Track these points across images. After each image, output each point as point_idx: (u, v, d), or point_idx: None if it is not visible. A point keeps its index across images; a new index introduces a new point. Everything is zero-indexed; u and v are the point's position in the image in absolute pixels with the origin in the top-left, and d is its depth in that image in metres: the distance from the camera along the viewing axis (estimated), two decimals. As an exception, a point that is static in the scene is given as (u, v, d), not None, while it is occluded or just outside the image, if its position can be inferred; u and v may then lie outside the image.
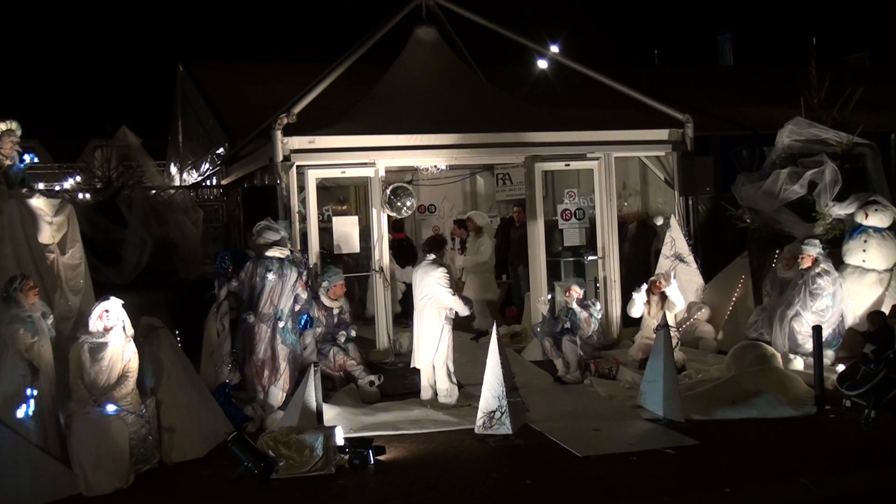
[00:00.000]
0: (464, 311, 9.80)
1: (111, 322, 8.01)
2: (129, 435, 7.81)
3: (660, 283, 11.16)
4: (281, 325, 9.54)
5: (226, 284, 9.64)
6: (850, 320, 11.00)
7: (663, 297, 11.10)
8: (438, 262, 9.83)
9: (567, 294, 11.05)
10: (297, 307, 9.76)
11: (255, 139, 12.92)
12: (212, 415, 8.63)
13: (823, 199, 11.69)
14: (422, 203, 15.80)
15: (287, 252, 9.75)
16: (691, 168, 12.82)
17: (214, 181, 16.31)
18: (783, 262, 11.48)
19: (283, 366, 9.53)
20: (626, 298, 12.28)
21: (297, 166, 11.20)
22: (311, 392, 8.31)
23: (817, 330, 9.39)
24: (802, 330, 10.63)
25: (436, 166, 13.75)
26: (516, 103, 13.58)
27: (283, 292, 9.55)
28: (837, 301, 10.82)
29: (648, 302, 11.17)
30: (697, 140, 13.02)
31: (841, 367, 9.74)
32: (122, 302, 8.15)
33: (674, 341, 10.17)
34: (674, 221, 12.57)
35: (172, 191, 14.04)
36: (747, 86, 18.33)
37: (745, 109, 15.89)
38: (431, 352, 9.65)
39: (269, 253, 9.70)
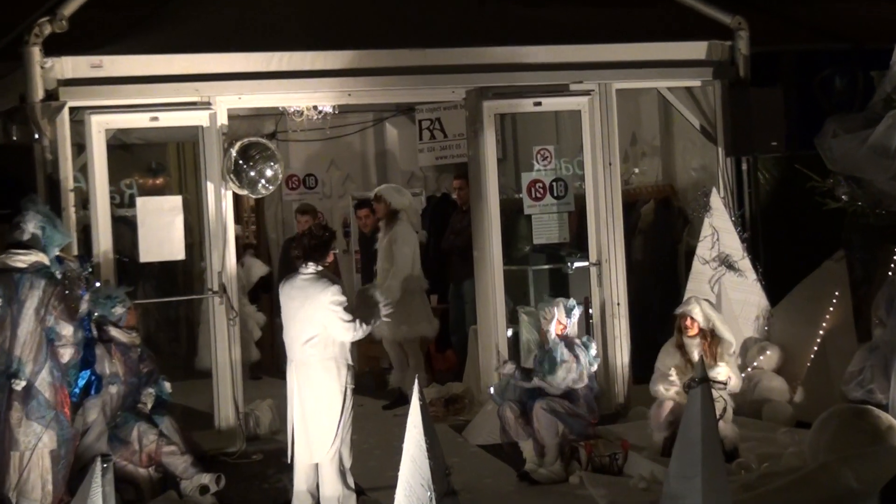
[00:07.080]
0: (368, 328, 9.79)
1: None
2: None
3: (690, 321, 10.87)
4: (18, 386, 9.21)
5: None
6: None
7: (706, 338, 10.82)
8: (325, 276, 9.62)
9: (544, 324, 10.92)
10: (67, 356, 9.47)
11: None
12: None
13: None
14: (293, 172, 16.32)
15: (34, 259, 9.43)
16: (746, 108, 12.86)
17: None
18: (909, 268, 11.61)
19: (28, 460, 9.20)
20: (637, 334, 12.67)
21: (72, 109, 11.29)
22: (97, 506, 8.25)
23: (966, 385, 9.41)
24: (940, 384, 10.79)
25: (316, 108, 14.06)
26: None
27: (17, 330, 9.28)
28: None
29: (683, 354, 10.96)
30: (757, 59, 13.11)
31: None
32: None
33: (720, 408, 10.02)
34: (717, 200, 12.55)
35: None
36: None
37: (836, 6, 15.88)
38: (331, 435, 9.51)
39: None
